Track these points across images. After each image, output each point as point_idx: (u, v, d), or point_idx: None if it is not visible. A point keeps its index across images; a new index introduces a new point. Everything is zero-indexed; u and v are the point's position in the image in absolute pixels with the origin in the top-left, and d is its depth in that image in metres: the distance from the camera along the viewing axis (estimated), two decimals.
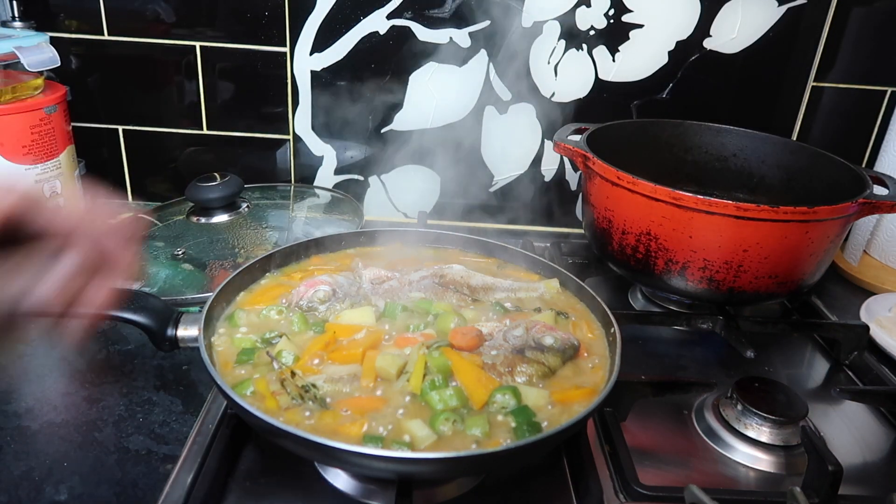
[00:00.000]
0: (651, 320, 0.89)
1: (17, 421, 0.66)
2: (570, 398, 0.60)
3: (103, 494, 0.59)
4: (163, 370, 0.75)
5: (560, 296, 0.76)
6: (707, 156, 1.04)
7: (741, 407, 0.69)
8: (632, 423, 0.70)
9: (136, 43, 1.05)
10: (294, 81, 1.07)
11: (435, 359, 0.61)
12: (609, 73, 1.06)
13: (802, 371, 0.86)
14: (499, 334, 0.67)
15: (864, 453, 0.71)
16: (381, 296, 0.72)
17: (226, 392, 0.55)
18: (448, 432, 0.55)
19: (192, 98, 1.08)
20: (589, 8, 1.01)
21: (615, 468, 0.64)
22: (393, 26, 1.02)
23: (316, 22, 1.03)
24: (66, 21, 1.03)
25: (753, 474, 0.67)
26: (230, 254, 0.93)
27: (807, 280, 0.83)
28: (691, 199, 0.76)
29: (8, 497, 0.58)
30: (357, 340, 0.65)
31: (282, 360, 0.62)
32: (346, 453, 0.50)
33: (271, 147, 1.12)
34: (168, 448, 0.64)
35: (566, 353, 0.65)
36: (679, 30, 1.03)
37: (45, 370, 0.74)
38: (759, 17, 1.02)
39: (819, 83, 1.08)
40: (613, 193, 0.83)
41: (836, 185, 0.88)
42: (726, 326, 0.83)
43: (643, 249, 0.83)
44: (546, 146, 1.11)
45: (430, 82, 1.06)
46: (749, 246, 0.77)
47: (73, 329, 0.50)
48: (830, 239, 0.80)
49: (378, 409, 0.57)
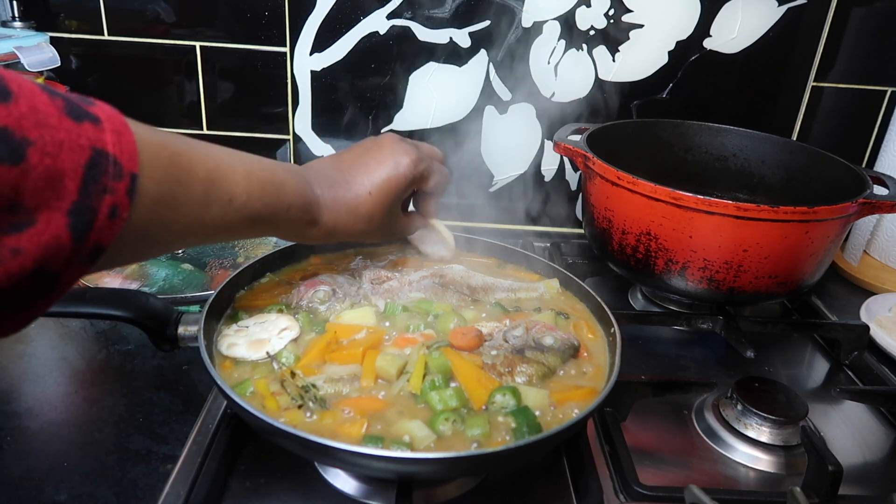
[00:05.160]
0: (651, 320, 0.89)
1: (17, 421, 0.66)
2: (570, 398, 0.60)
3: (103, 494, 0.59)
4: (163, 370, 0.75)
5: (560, 296, 0.76)
6: (707, 156, 1.04)
7: (741, 407, 0.69)
8: (632, 423, 0.70)
9: (136, 43, 1.05)
10: (294, 81, 1.06)
11: (435, 359, 0.61)
12: (609, 73, 1.06)
13: (802, 371, 0.86)
14: (499, 334, 0.67)
15: (864, 453, 0.71)
16: (381, 296, 0.72)
17: (226, 392, 0.55)
18: (448, 432, 0.55)
19: (192, 98, 1.08)
20: (589, 8, 1.01)
21: (615, 468, 0.64)
22: (393, 26, 1.02)
23: (316, 22, 1.03)
24: (66, 21, 1.03)
25: (753, 474, 0.67)
26: (230, 254, 0.94)
27: (807, 280, 0.83)
28: (691, 199, 0.76)
29: (8, 497, 0.58)
30: (357, 340, 0.65)
31: (282, 360, 0.62)
32: (346, 453, 0.50)
33: (271, 147, 1.12)
34: (168, 448, 0.64)
35: (566, 353, 0.65)
36: (679, 30, 1.03)
37: (45, 370, 0.74)
38: (759, 17, 1.02)
39: (819, 83, 1.08)
40: (613, 193, 0.83)
41: (836, 185, 0.88)
42: (726, 326, 0.83)
43: (643, 249, 0.83)
44: (546, 146, 1.11)
45: (430, 82, 1.06)
46: (749, 246, 0.77)
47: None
48: (830, 239, 0.80)
49: (378, 409, 0.57)
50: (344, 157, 0.68)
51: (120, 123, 0.39)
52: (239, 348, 0.63)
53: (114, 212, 0.38)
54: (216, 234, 0.53)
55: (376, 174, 0.66)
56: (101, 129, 0.37)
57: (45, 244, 0.35)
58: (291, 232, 0.62)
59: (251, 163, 0.54)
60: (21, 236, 0.34)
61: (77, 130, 0.36)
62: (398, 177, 0.66)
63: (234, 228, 0.53)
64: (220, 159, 0.50)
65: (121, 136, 0.39)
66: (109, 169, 0.37)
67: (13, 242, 0.34)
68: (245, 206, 0.52)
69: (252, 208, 0.53)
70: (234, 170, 0.51)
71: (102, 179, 0.37)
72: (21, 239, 0.34)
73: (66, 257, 0.36)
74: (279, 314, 0.68)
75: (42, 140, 0.34)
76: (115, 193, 0.38)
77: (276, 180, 0.56)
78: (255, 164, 0.54)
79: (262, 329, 0.65)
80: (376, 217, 0.66)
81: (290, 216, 0.58)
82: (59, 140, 0.35)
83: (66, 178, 0.35)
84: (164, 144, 0.44)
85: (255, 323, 0.66)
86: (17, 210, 0.34)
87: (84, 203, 0.36)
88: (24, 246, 0.34)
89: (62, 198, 0.35)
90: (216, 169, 0.49)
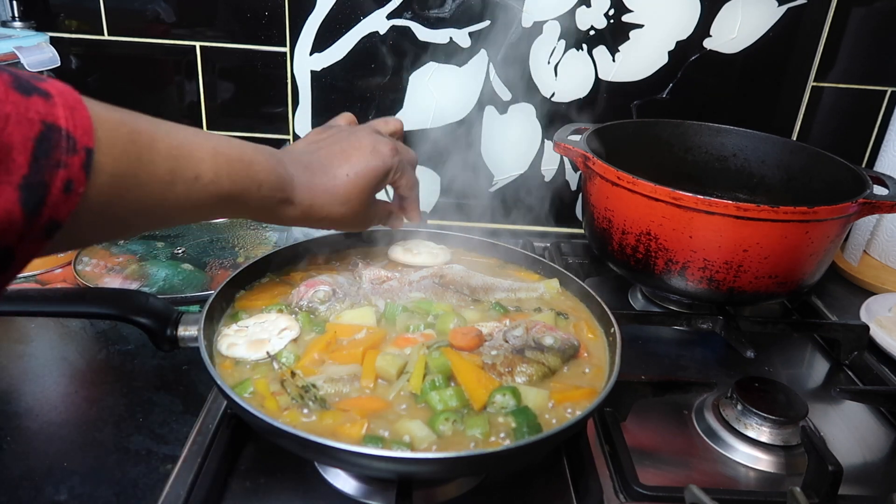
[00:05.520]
0: (651, 320, 0.89)
1: (17, 421, 0.66)
2: (570, 398, 0.60)
3: (103, 494, 0.59)
4: (163, 370, 0.75)
5: (560, 296, 0.76)
6: (707, 156, 1.04)
7: (741, 407, 0.69)
8: (632, 423, 0.70)
9: (136, 43, 1.05)
10: (294, 81, 1.06)
11: (435, 359, 0.61)
12: (609, 73, 1.06)
13: (802, 371, 0.86)
14: (499, 334, 0.67)
15: (864, 453, 0.71)
16: (381, 296, 0.72)
17: (226, 392, 0.55)
18: (448, 432, 0.55)
19: (192, 98, 1.08)
20: (589, 8, 1.01)
21: (615, 468, 0.64)
22: (393, 26, 1.02)
23: (316, 22, 1.03)
24: (66, 21, 1.03)
25: (753, 474, 0.67)
26: (230, 254, 0.94)
27: (807, 280, 0.83)
28: (691, 199, 0.76)
29: (8, 497, 0.58)
30: (357, 340, 0.65)
31: (282, 360, 0.62)
32: (346, 453, 0.50)
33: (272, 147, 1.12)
34: (168, 448, 0.64)
35: (566, 353, 0.65)
36: (679, 30, 1.03)
37: (45, 370, 0.74)
38: (759, 17, 1.02)
39: (819, 83, 1.08)
40: (613, 193, 0.83)
41: (836, 185, 0.88)
42: (726, 326, 0.83)
43: (643, 249, 0.83)
44: (546, 146, 1.11)
45: (430, 82, 1.06)
46: (749, 246, 0.77)
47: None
48: (830, 239, 0.80)
49: (378, 409, 0.57)
50: (319, 142, 0.68)
51: (73, 99, 0.39)
52: (239, 348, 0.63)
53: (68, 186, 0.37)
54: (183, 214, 0.52)
55: (355, 159, 0.66)
56: (52, 104, 0.37)
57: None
58: (264, 212, 0.61)
59: (218, 141, 0.53)
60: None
61: (25, 104, 0.36)
62: (376, 164, 0.67)
63: (202, 207, 0.53)
64: (185, 137, 0.50)
65: (74, 111, 0.38)
66: (62, 143, 0.37)
67: None
68: (212, 183, 0.52)
69: (220, 186, 0.52)
70: (199, 147, 0.51)
71: (54, 154, 0.36)
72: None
73: (19, 231, 0.36)
74: (279, 314, 0.68)
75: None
76: (70, 168, 0.37)
77: (246, 158, 0.55)
78: (222, 142, 0.54)
79: (262, 329, 0.65)
80: (353, 200, 0.66)
81: (262, 194, 0.57)
82: (5, 113, 0.34)
83: (13, 151, 0.35)
84: (122, 121, 0.44)
85: (255, 323, 0.66)
86: None
87: (35, 177, 0.36)
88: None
89: (11, 171, 0.35)
90: (180, 146, 0.49)
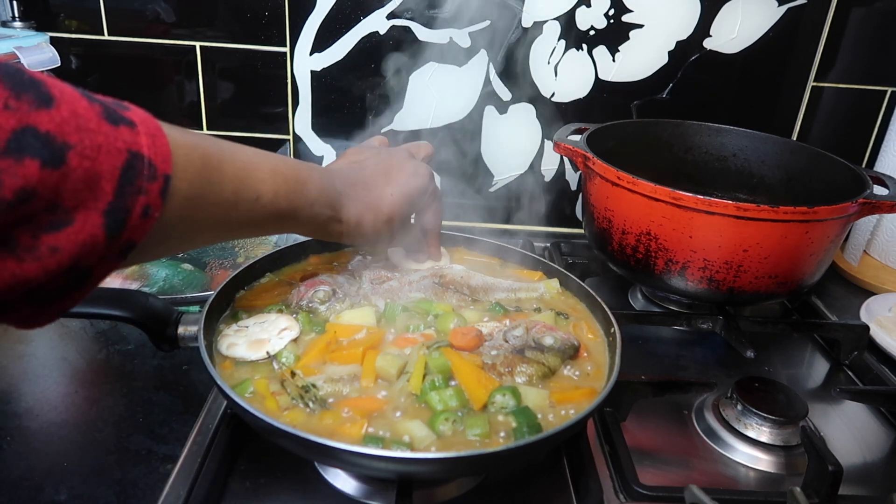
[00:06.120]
0: (651, 320, 0.89)
1: (17, 421, 0.66)
2: (570, 398, 0.60)
3: (103, 494, 0.59)
4: (163, 370, 0.75)
5: (560, 296, 0.76)
6: (707, 156, 1.04)
7: (741, 407, 0.69)
8: (632, 423, 0.70)
9: (136, 43, 1.05)
10: (294, 81, 1.07)
11: (435, 359, 0.61)
12: (609, 73, 1.06)
13: (802, 371, 0.86)
14: (499, 334, 0.67)
15: (864, 453, 0.71)
16: (381, 296, 0.72)
17: (226, 392, 0.55)
18: (448, 433, 0.55)
19: (192, 98, 1.08)
20: (589, 8, 1.01)
21: (615, 468, 0.64)
22: (393, 26, 1.02)
23: (316, 22, 1.03)
24: (66, 21, 1.03)
25: (753, 474, 0.67)
26: (230, 254, 0.94)
27: (807, 280, 0.83)
28: (691, 199, 0.76)
29: (8, 497, 0.58)
30: (357, 340, 0.65)
31: (282, 360, 0.62)
32: (346, 453, 0.50)
33: (271, 147, 1.12)
34: (168, 448, 0.64)
35: (566, 353, 0.65)
36: (679, 30, 1.03)
37: (45, 370, 0.74)
38: (759, 17, 1.02)
39: (819, 83, 1.08)
40: (613, 193, 0.83)
41: (836, 185, 0.88)
42: (726, 326, 0.83)
43: (643, 249, 0.83)
44: (546, 146, 1.11)
45: (430, 82, 1.06)
46: (749, 246, 0.77)
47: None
48: (830, 239, 0.80)
49: (378, 409, 0.57)
50: (361, 162, 0.70)
51: (154, 127, 0.41)
52: (239, 348, 0.63)
53: (146, 211, 0.40)
54: (241, 231, 0.55)
55: (399, 179, 0.68)
56: (136, 133, 0.39)
57: (82, 242, 0.37)
58: (315, 227, 0.62)
59: (276, 161, 0.56)
60: (59, 235, 0.36)
61: (114, 134, 0.38)
62: (418, 185, 0.69)
63: (260, 224, 0.55)
64: (247, 158, 0.52)
65: (155, 139, 0.41)
66: (144, 171, 0.39)
67: (52, 241, 0.36)
68: (271, 203, 0.54)
69: (277, 205, 0.55)
70: (259, 168, 0.53)
71: (137, 181, 0.39)
72: (59, 237, 0.36)
73: (100, 254, 0.38)
74: (279, 314, 0.68)
75: (82, 144, 0.35)
76: (149, 194, 0.40)
77: (301, 177, 0.58)
78: (279, 162, 0.56)
79: (262, 329, 0.65)
80: (396, 218, 0.68)
81: (314, 211, 0.60)
82: (98, 144, 0.36)
83: (102, 179, 0.37)
84: (195, 146, 0.46)
85: (255, 323, 0.66)
86: (56, 210, 0.35)
87: (119, 203, 0.38)
88: (61, 244, 0.36)
89: (99, 198, 0.37)
90: (244, 168, 0.51)
